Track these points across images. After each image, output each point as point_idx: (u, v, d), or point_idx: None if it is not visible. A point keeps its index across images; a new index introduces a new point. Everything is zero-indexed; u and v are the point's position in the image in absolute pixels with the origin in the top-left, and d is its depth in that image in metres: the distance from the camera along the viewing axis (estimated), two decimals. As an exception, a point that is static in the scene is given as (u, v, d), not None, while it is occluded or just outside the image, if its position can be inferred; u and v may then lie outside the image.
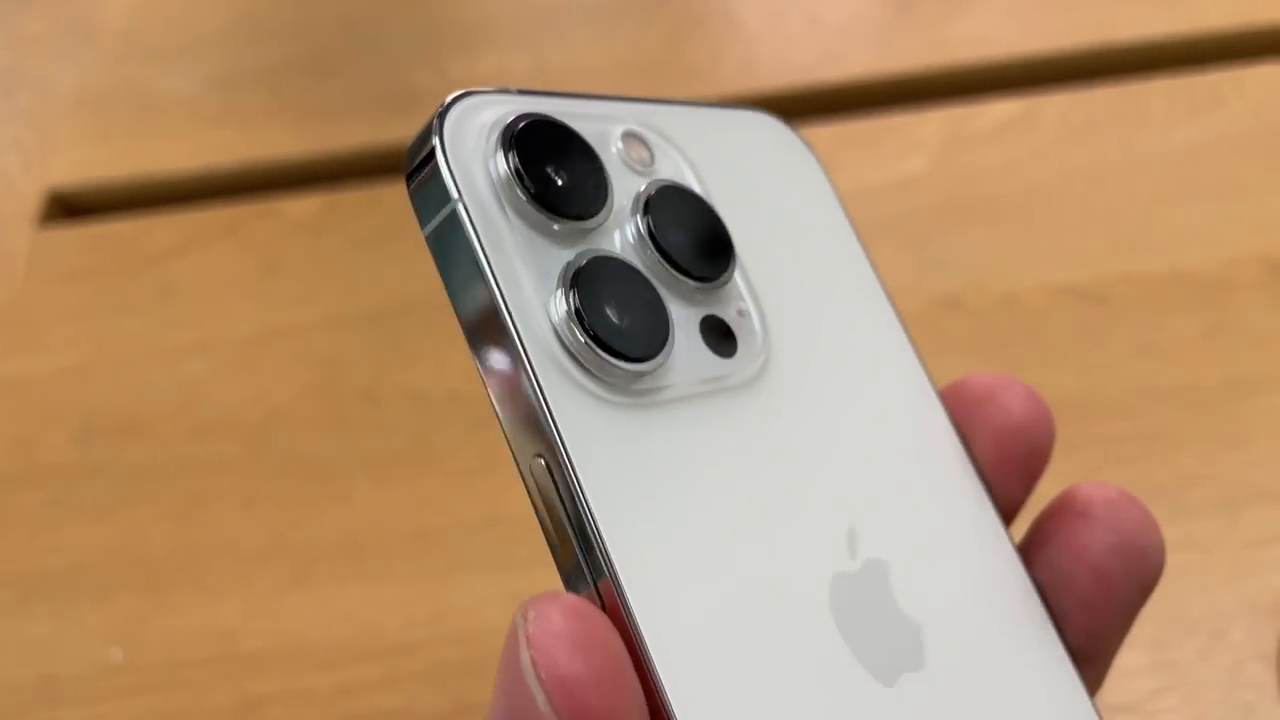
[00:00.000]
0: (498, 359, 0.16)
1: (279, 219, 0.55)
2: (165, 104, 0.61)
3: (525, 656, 0.15)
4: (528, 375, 0.16)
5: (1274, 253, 0.48)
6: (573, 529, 0.15)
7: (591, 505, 0.15)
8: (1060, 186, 0.51)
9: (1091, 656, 0.23)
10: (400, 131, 0.60)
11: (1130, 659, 0.38)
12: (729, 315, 0.19)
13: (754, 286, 0.19)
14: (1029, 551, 0.23)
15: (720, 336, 0.18)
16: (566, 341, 0.16)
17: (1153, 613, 0.39)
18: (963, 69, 0.57)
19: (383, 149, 0.58)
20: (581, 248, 0.17)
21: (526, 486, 0.16)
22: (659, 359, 0.17)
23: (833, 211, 0.22)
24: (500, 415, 0.16)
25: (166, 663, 0.42)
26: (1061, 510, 0.23)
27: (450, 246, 0.16)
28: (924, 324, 0.48)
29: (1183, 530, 0.41)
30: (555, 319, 0.16)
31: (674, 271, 0.17)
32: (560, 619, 0.15)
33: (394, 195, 0.56)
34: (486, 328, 0.16)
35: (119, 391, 0.50)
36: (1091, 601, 0.22)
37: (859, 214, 0.52)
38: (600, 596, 0.15)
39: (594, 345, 0.16)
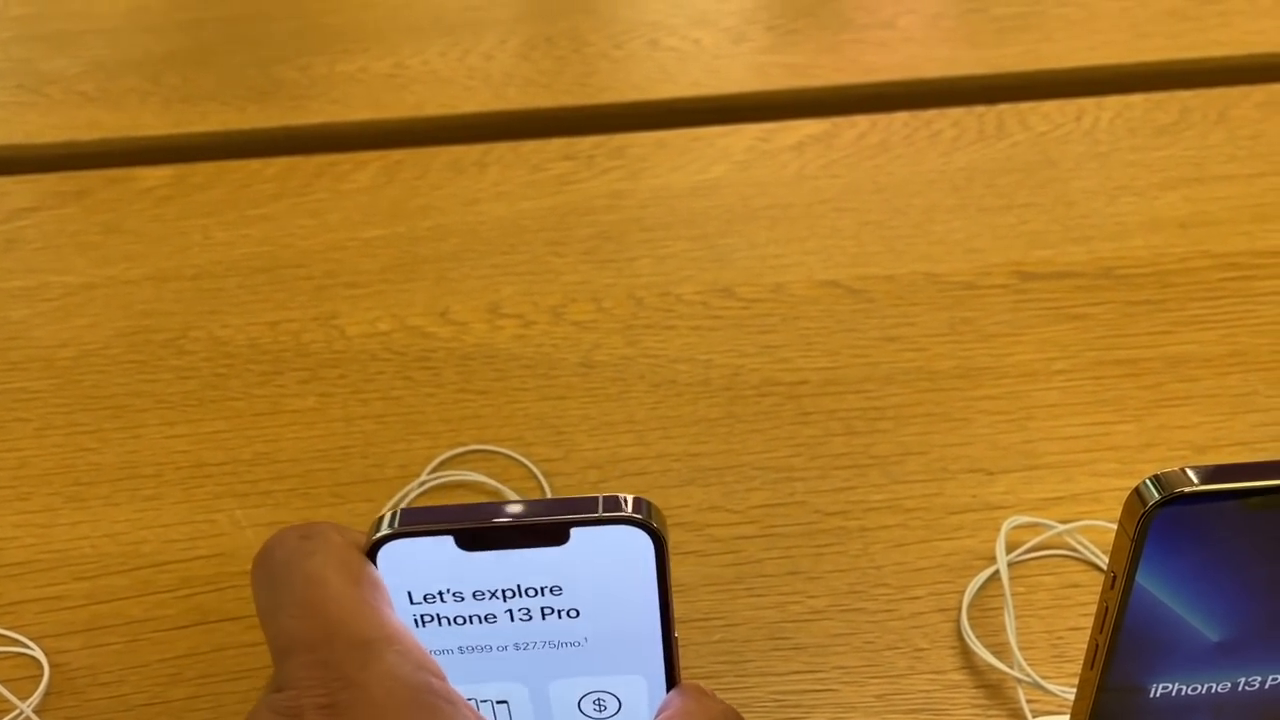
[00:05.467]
0: None
1: (129, 186, 0.59)
2: (43, 82, 0.65)
3: None
4: None
5: (1023, 261, 0.51)
6: None
7: None
8: (844, 197, 0.55)
9: None
10: (257, 119, 0.64)
11: (817, 604, 0.40)
12: None
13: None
14: None
15: None
16: None
17: (849, 565, 0.41)
18: (779, 93, 0.61)
19: (239, 132, 0.62)
20: None
21: None
22: None
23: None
24: None
25: (-65, 569, 0.44)
26: None
27: None
28: (699, 307, 0.51)
29: (893, 495, 0.43)
30: None
31: None
32: None
33: (241, 171, 0.60)
34: None
35: (-55, 328, 0.53)
36: None
37: (661, 213, 0.56)
38: None
39: None
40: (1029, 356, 0.48)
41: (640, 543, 0.23)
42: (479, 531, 0.23)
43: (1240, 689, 0.28)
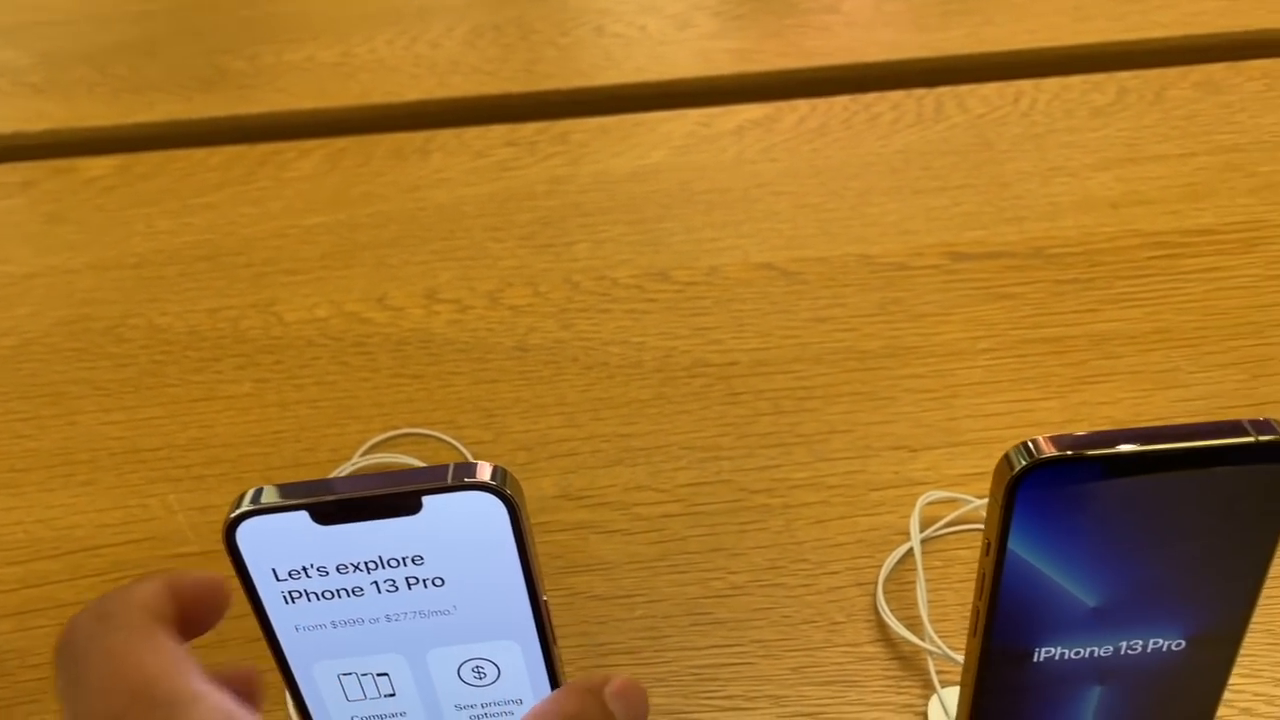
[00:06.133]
0: None
1: (74, 176, 0.59)
2: (-8, 73, 0.65)
3: None
4: None
5: (955, 242, 0.52)
6: None
7: None
8: (781, 180, 0.55)
9: None
10: (203, 108, 0.64)
11: (738, 579, 0.41)
12: None
13: None
14: None
15: None
16: None
17: (770, 541, 0.42)
18: (722, 78, 0.61)
19: (185, 122, 0.62)
20: None
21: None
22: None
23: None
24: None
25: None
26: None
27: None
28: (634, 290, 0.52)
29: (817, 473, 0.44)
30: None
31: None
32: None
33: (185, 160, 0.60)
34: None
35: (-112, 319, 0.53)
36: None
37: (600, 198, 0.57)
38: None
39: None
40: (956, 335, 0.48)
41: (494, 509, 0.24)
42: (331, 505, 0.24)
43: (1122, 653, 0.29)
